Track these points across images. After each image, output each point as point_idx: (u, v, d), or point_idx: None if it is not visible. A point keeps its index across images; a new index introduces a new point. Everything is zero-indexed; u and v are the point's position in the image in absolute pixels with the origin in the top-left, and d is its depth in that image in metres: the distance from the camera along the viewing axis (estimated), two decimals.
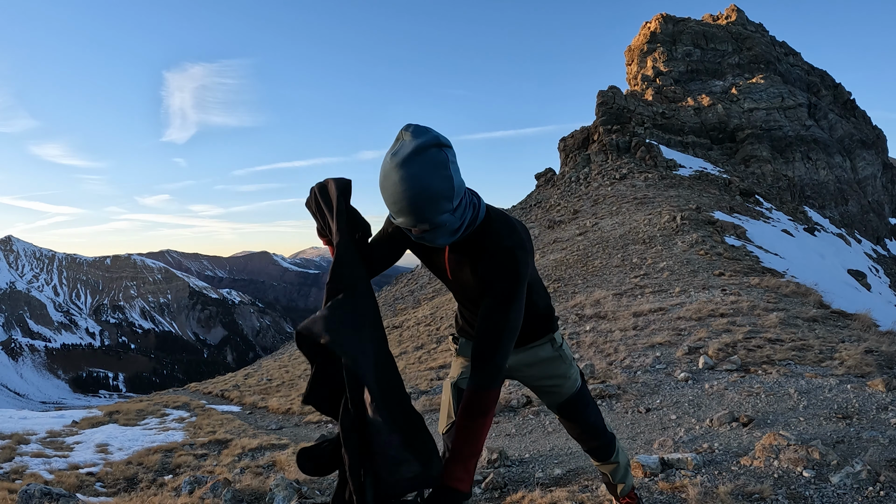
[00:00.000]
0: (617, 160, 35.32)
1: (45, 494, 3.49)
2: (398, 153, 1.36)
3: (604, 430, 2.23)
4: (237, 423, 8.41)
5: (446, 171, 1.36)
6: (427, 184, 1.34)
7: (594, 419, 2.18)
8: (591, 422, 2.17)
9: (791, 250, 18.31)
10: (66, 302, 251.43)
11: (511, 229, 1.61)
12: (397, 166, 1.35)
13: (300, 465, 1.65)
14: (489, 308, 1.57)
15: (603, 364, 6.28)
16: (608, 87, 40.97)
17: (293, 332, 1.57)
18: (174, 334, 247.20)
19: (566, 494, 2.93)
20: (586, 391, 2.16)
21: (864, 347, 5.41)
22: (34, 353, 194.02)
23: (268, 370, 18.64)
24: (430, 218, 1.39)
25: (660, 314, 8.07)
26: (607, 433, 2.25)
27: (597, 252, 15.45)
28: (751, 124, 42.24)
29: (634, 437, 4.23)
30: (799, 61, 55.25)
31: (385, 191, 1.39)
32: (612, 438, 2.28)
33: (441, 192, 1.36)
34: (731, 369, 5.33)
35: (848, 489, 2.55)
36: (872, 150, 49.59)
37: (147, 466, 5.50)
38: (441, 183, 1.35)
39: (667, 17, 51.92)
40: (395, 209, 1.40)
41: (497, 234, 1.59)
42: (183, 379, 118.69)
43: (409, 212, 1.38)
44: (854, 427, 3.44)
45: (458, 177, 1.41)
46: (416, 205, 1.36)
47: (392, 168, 1.36)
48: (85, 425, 8.38)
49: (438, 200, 1.37)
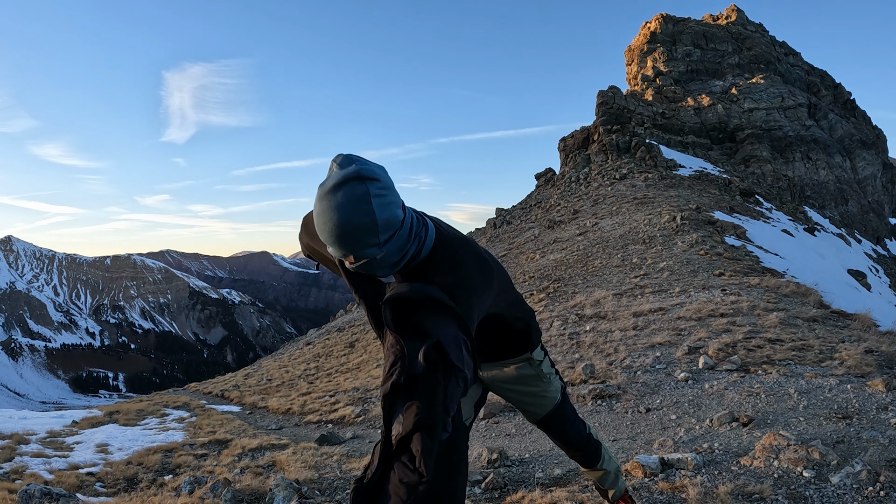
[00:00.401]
0: (617, 160, 35.32)
1: (45, 494, 3.49)
2: (323, 185, 1.36)
3: (585, 441, 2.24)
4: (237, 423, 8.41)
5: (367, 205, 1.32)
6: (346, 218, 1.32)
7: (573, 433, 2.20)
8: (570, 436, 2.20)
9: (791, 250, 18.30)
10: (66, 302, 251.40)
11: (455, 265, 1.52)
12: (320, 198, 1.35)
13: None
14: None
15: (603, 364, 6.27)
16: (608, 87, 40.96)
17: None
18: (174, 334, 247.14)
19: (566, 494, 2.94)
20: (566, 406, 2.16)
21: (864, 347, 5.41)
22: (34, 353, 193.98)
23: (268, 370, 18.63)
24: (354, 251, 1.37)
25: (660, 314, 8.06)
26: (591, 443, 2.26)
27: (597, 252, 15.45)
28: (751, 124, 42.23)
29: (634, 437, 4.23)
30: (799, 61, 55.25)
31: (315, 223, 1.39)
32: (598, 447, 2.29)
33: (361, 226, 1.33)
34: (731, 369, 5.33)
35: (848, 489, 2.55)
36: (872, 150, 49.59)
37: (147, 466, 5.49)
38: (360, 217, 1.32)
39: (667, 18, 51.91)
40: (323, 239, 1.39)
41: (436, 271, 1.50)
42: (183, 379, 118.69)
43: (333, 244, 1.37)
44: (854, 427, 3.44)
45: (384, 211, 1.35)
46: (337, 238, 1.35)
47: (318, 199, 1.36)
48: (85, 425, 8.38)
49: (359, 234, 1.34)
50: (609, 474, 2.38)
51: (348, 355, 16.05)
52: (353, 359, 15.15)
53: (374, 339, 17.16)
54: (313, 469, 4.30)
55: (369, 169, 1.36)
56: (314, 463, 4.58)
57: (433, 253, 1.54)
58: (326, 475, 4.08)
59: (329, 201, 1.34)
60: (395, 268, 1.48)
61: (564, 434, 2.18)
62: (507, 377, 2.03)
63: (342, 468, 4.34)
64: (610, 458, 2.37)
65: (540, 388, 2.06)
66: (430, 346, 1.33)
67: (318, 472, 4.21)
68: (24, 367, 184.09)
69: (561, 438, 2.20)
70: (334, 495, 3.55)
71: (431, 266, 1.52)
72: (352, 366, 14.04)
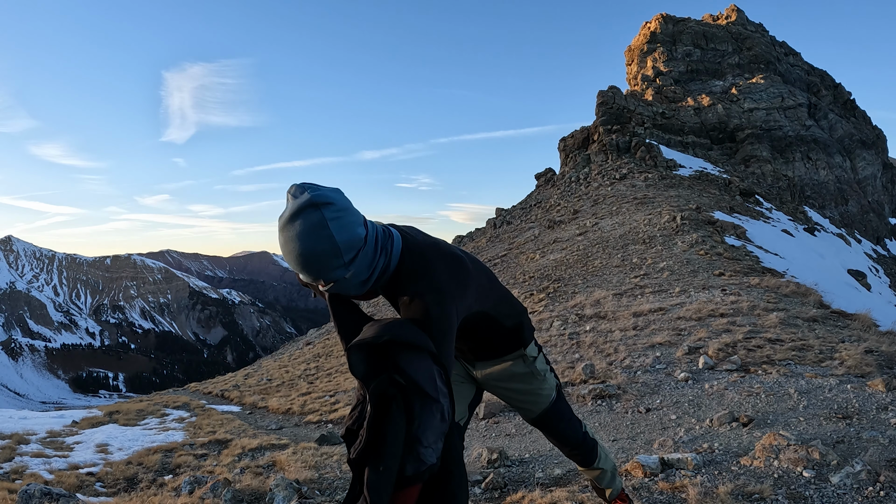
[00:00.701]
0: (617, 160, 35.33)
1: (45, 494, 3.49)
2: (281, 216, 1.40)
3: (581, 440, 2.23)
4: (237, 423, 8.41)
5: (325, 230, 1.35)
6: (307, 245, 1.35)
7: (569, 432, 2.19)
8: (566, 435, 2.19)
9: (791, 250, 18.30)
10: (66, 302, 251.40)
11: (424, 271, 1.53)
12: (280, 230, 1.40)
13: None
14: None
15: (603, 364, 6.28)
16: (608, 87, 40.97)
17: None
18: (174, 334, 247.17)
19: (566, 494, 2.94)
20: (561, 405, 2.15)
21: (864, 347, 5.41)
22: (34, 353, 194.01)
23: (268, 370, 18.64)
24: (323, 276, 1.41)
25: (660, 314, 8.07)
26: (587, 441, 2.26)
27: (597, 252, 15.45)
28: (751, 124, 42.24)
29: (634, 437, 4.23)
30: (799, 61, 55.25)
31: (282, 253, 1.44)
32: (594, 445, 2.28)
33: (323, 251, 1.36)
34: (731, 369, 5.33)
35: (848, 489, 2.55)
36: (872, 150, 49.59)
37: (147, 466, 5.49)
38: (320, 244, 1.35)
39: (667, 17, 51.92)
40: (291, 268, 1.44)
41: (412, 278, 1.52)
42: (183, 379, 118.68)
43: (301, 271, 1.42)
44: (854, 427, 3.44)
45: (342, 233, 1.38)
46: (302, 265, 1.39)
47: (279, 231, 1.41)
48: (85, 425, 8.38)
49: (323, 259, 1.37)
50: (606, 473, 2.38)
51: None
52: None
53: None
54: (313, 469, 4.30)
55: (322, 194, 1.38)
56: (314, 463, 4.58)
57: (401, 262, 1.55)
58: (326, 475, 4.08)
59: (289, 231, 1.37)
60: (368, 285, 1.51)
61: (560, 432, 2.17)
62: (500, 375, 2.02)
63: (342, 468, 4.34)
64: (606, 457, 2.37)
65: (534, 386, 2.04)
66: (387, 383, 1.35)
67: (318, 472, 4.21)
68: (24, 367, 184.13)
69: (557, 437, 2.19)
70: (334, 495, 3.55)
71: (402, 276, 1.54)
72: None
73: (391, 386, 1.35)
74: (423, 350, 1.40)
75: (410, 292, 1.50)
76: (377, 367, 1.39)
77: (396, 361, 1.37)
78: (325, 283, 1.45)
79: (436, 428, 1.38)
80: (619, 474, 2.83)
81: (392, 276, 1.55)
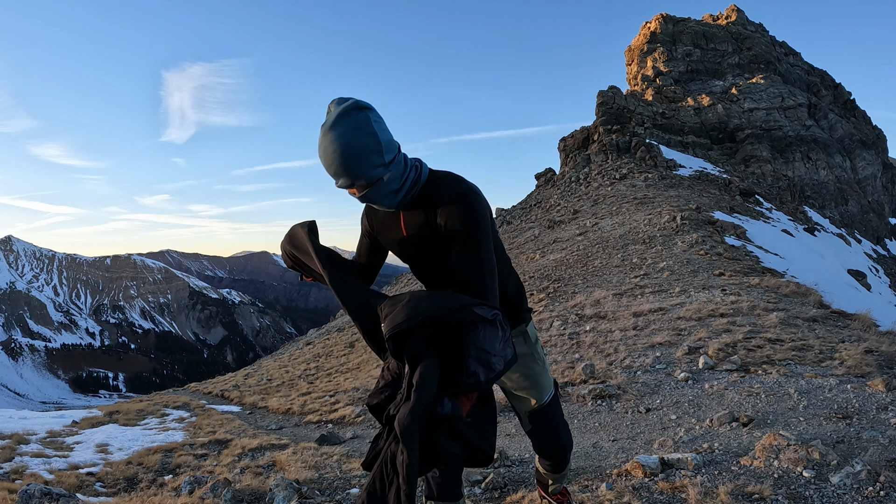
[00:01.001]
0: (617, 160, 35.31)
1: (45, 494, 3.49)
2: (325, 124, 1.50)
3: (570, 448, 2.18)
4: (237, 423, 8.41)
5: (369, 128, 1.47)
6: (352, 141, 1.45)
7: (566, 434, 2.14)
8: (562, 436, 2.12)
9: (791, 250, 18.30)
10: (66, 302, 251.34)
11: (460, 179, 1.63)
12: (325, 133, 1.48)
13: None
14: (458, 257, 1.57)
15: (603, 364, 6.28)
16: (608, 87, 40.95)
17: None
18: (174, 334, 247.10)
19: None
20: (559, 404, 2.11)
21: (864, 347, 5.41)
22: (34, 353, 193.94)
23: (268, 370, 18.64)
24: (363, 173, 1.49)
25: (660, 314, 8.06)
26: (571, 449, 2.22)
27: (597, 252, 15.44)
28: (751, 124, 42.22)
29: (634, 437, 4.23)
30: (799, 61, 55.23)
31: (322, 159, 1.51)
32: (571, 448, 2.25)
33: (367, 147, 1.46)
34: (731, 369, 5.33)
35: (848, 489, 2.55)
36: (872, 150, 49.57)
37: (147, 466, 5.49)
38: (365, 139, 1.46)
39: (667, 17, 51.91)
40: (333, 172, 1.50)
41: (447, 185, 1.61)
42: (183, 379, 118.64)
43: (344, 170, 1.48)
44: (854, 427, 3.44)
45: (384, 134, 1.50)
46: (347, 162, 1.47)
47: (322, 136, 1.49)
48: (85, 425, 8.38)
49: (366, 155, 1.47)
50: (566, 477, 2.40)
51: (348, 355, 16.06)
52: (353, 359, 15.15)
53: None
54: (313, 469, 4.30)
55: (364, 101, 1.50)
56: (314, 463, 4.58)
57: (431, 175, 1.65)
58: (326, 475, 4.08)
59: (334, 132, 1.46)
60: (398, 196, 1.59)
61: (559, 432, 2.09)
62: None
63: (342, 468, 4.33)
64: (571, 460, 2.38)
65: (536, 372, 1.99)
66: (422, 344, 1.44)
67: (318, 472, 4.21)
68: (24, 367, 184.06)
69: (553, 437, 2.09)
70: (334, 495, 3.55)
71: (435, 185, 1.62)
72: (352, 366, 14.05)
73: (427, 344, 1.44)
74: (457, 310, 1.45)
75: (449, 196, 1.58)
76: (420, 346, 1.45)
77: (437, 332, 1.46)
78: (364, 184, 1.52)
79: (498, 336, 1.48)
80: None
81: (422, 190, 1.63)
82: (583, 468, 3.45)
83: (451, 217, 1.56)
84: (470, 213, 1.55)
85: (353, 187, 1.53)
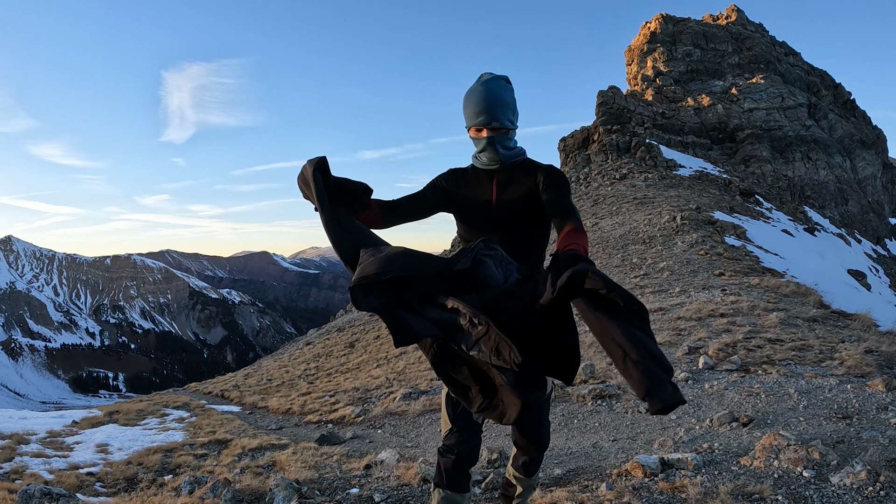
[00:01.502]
0: (617, 160, 35.32)
1: (45, 494, 3.49)
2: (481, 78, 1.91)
3: (547, 446, 2.24)
4: (237, 423, 8.41)
5: (512, 93, 1.92)
6: (501, 92, 1.87)
7: (548, 432, 2.19)
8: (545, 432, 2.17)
9: (791, 250, 18.30)
10: (66, 302, 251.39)
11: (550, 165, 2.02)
12: (482, 83, 1.88)
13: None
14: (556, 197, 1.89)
15: (603, 364, 6.28)
16: (608, 87, 40.96)
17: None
18: (174, 334, 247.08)
19: (566, 494, 2.94)
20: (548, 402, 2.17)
21: (864, 347, 5.41)
22: (34, 353, 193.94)
23: (268, 370, 18.64)
24: (501, 118, 1.86)
25: (660, 314, 8.06)
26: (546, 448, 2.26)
27: (597, 252, 15.44)
28: (751, 124, 42.23)
29: (634, 437, 4.23)
30: (799, 61, 55.24)
31: (471, 99, 1.88)
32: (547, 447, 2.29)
33: (510, 102, 1.89)
34: (731, 369, 5.33)
35: (848, 489, 2.55)
36: (872, 150, 49.58)
37: (147, 466, 5.49)
38: (509, 97, 1.89)
39: (667, 18, 51.91)
40: (480, 109, 1.86)
41: (537, 165, 1.99)
42: (183, 379, 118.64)
43: (488, 110, 1.84)
44: (854, 427, 3.44)
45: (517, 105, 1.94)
46: (493, 105, 1.85)
47: (477, 84, 1.89)
48: (85, 425, 8.38)
49: (508, 105, 1.88)
50: (535, 485, 2.43)
51: (348, 355, 16.06)
52: (353, 359, 15.15)
53: (373, 340, 17.16)
54: (313, 469, 4.30)
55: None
56: (314, 463, 4.58)
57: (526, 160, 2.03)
58: (326, 475, 4.08)
59: (489, 84, 1.86)
60: (510, 153, 1.94)
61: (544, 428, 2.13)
62: None
63: (342, 468, 4.33)
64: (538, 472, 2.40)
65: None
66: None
67: (318, 472, 4.21)
68: (24, 367, 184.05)
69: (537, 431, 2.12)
70: (334, 495, 3.55)
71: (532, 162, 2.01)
72: (352, 366, 14.04)
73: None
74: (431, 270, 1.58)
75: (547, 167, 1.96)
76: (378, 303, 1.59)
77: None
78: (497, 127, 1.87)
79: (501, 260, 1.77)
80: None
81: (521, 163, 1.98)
82: (583, 468, 3.45)
83: (549, 175, 1.93)
84: (562, 175, 1.96)
85: (488, 127, 1.85)
